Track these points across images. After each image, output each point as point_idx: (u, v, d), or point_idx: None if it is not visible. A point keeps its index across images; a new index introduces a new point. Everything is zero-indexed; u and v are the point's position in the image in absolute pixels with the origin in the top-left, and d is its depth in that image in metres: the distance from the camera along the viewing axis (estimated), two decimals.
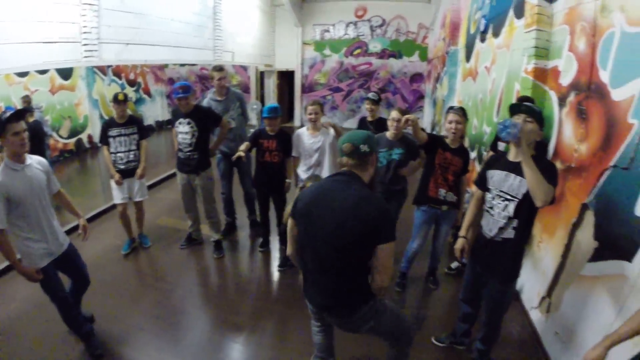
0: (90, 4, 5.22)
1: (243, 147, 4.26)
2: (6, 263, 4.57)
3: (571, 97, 3.33)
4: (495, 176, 2.61)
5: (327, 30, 13.57)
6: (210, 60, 9.56)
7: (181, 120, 4.46)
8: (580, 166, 3.06)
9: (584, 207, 2.91)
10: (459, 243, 2.85)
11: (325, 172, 4.32)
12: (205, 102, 5.06)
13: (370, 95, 5.06)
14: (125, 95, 4.59)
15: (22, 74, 6.83)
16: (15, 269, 2.80)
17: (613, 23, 2.79)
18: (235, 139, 5.03)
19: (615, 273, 2.48)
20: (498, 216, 2.57)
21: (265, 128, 4.43)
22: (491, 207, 2.63)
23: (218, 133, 4.81)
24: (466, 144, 6.47)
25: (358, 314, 2.23)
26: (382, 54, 13.17)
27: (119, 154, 4.59)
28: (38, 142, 5.50)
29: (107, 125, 4.60)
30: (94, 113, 8.28)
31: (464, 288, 3.06)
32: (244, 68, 13.61)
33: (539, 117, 2.47)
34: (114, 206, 5.15)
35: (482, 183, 2.76)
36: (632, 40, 2.60)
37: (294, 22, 13.36)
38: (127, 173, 4.65)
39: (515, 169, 2.48)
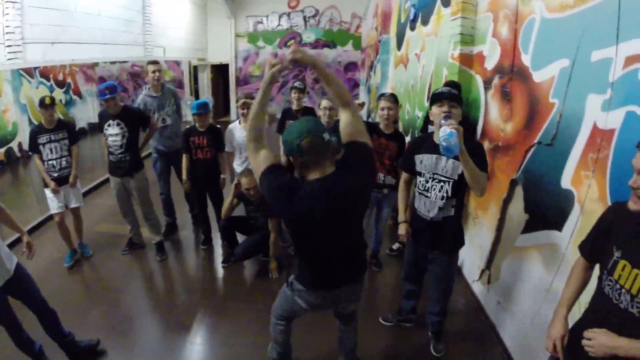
0: (12, 2, 4.85)
1: None
2: None
3: (496, 80, 3.48)
4: (425, 160, 2.62)
5: (260, 22, 13.32)
6: (141, 57, 9.18)
7: (110, 122, 4.23)
8: (507, 144, 3.21)
9: (513, 183, 3.06)
10: (403, 228, 2.85)
11: None
12: (140, 99, 4.87)
13: (296, 84, 5.03)
14: (53, 99, 4.26)
15: None
16: None
17: (533, 10, 2.93)
18: (171, 136, 4.91)
19: (547, 242, 2.63)
20: (436, 198, 2.60)
21: (195, 125, 4.33)
22: (426, 190, 2.65)
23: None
24: (400, 128, 6.65)
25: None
26: (316, 44, 13.14)
27: (50, 162, 4.26)
28: None
29: (36, 132, 4.28)
30: (22, 119, 7.67)
31: (407, 267, 3.09)
32: (177, 63, 12.91)
33: (460, 99, 2.56)
34: (50, 217, 4.79)
35: (410, 167, 2.76)
36: (551, 26, 2.74)
37: (226, 14, 13.02)
38: (61, 180, 4.34)
39: None
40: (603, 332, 1.50)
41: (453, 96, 2.49)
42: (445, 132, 2.19)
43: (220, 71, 14.14)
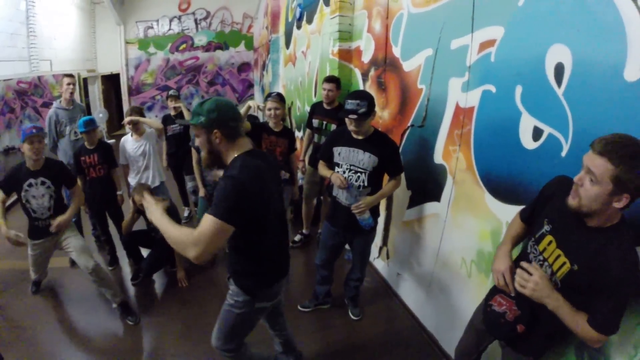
0: None
1: None
2: None
3: (372, 72, 3.60)
4: (343, 152, 2.65)
5: (151, 27, 12.37)
6: (26, 73, 8.20)
7: (31, 181, 3.25)
8: (386, 130, 3.32)
9: None
10: (336, 177, 2.66)
11: (153, 176, 4.13)
12: (51, 112, 4.45)
13: (171, 92, 5.25)
14: None
15: None
16: None
17: (402, 6, 3.05)
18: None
19: (429, 213, 2.80)
20: (353, 186, 2.65)
21: (84, 143, 3.95)
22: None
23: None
24: (293, 124, 6.71)
25: None
26: (208, 47, 12.60)
27: None
28: None
29: None
30: None
31: (322, 252, 3.09)
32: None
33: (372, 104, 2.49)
34: None
35: (328, 158, 2.78)
36: (417, 20, 2.88)
37: (115, 20, 11.79)
38: None
39: (360, 145, 2.57)
40: (544, 276, 1.45)
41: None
42: (364, 219, 2.65)
43: (111, 81, 12.88)
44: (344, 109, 2.47)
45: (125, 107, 12.61)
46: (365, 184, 2.62)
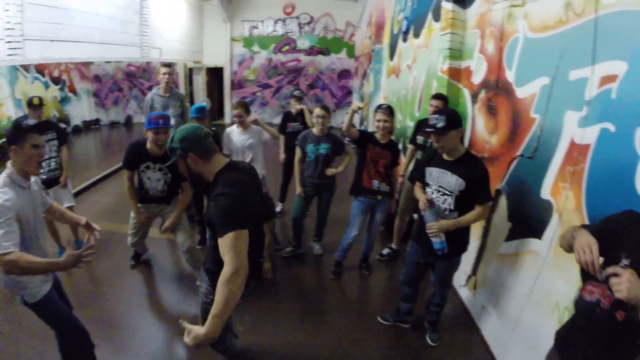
0: None
1: None
2: None
3: (482, 94, 3.60)
4: (434, 173, 2.73)
5: (256, 27, 13.35)
6: (137, 58, 9.10)
7: (149, 164, 3.59)
8: (492, 156, 3.33)
9: (498, 192, 3.17)
10: (422, 200, 2.75)
11: (259, 168, 4.28)
12: (148, 96, 5.01)
13: (295, 93, 5.60)
14: (41, 100, 4.13)
15: None
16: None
17: (517, 29, 3.05)
18: None
19: (528, 249, 2.75)
20: (439, 208, 2.70)
21: None
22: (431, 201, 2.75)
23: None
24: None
25: None
26: (310, 51, 13.22)
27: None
28: None
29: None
30: (18, 114, 7.59)
31: (406, 271, 3.20)
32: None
33: (451, 119, 2.53)
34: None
35: (421, 177, 2.89)
36: (533, 45, 2.87)
37: (222, 18, 13.02)
38: (51, 182, 4.11)
39: (450, 167, 2.63)
40: (633, 272, 1.33)
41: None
42: (437, 242, 2.69)
43: (215, 74, 14.10)
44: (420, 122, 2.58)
45: (227, 100, 13.91)
46: (452, 207, 2.66)
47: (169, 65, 4.93)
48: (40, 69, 9.13)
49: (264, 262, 4.15)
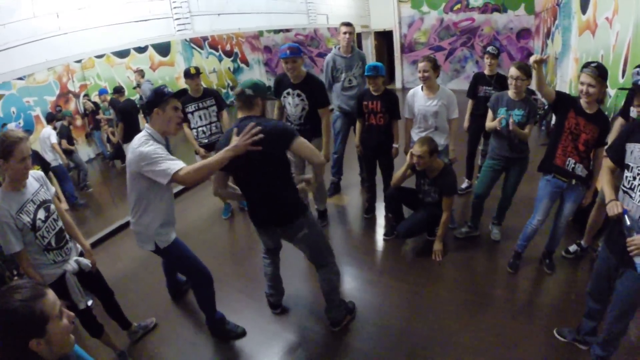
0: None
1: None
2: (114, 226, 5.19)
3: None
4: (636, 151, 2.14)
5: None
6: (304, 25, 9.61)
7: (289, 90, 4.16)
8: None
9: None
10: (613, 206, 2.21)
11: (439, 138, 4.05)
12: (329, 57, 5.12)
13: (489, 49, 5.02)
14: (197, 69, 4.52)
15: (123, 55, 7.19)
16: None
17: None
18: (353, 98, 4.87)
19: None
20: None
21: (369, 88, 4.24)
22: (631, 189, 2.17)
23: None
24: None
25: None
26: (484, 8, 12.11)
27: (200, 129, 4.61)
28: (131, 122, 5.97)
29: (183, 101, 4.36)
30: None
31: (594, 281, 2.64)
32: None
33: None
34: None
35: (618, 157, 2.32)
36: None
37: None
38: (212, 146, 4.53)
39: None
40: None
41: None
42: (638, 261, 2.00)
43: (384, 38, 13.98)
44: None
45: (397, 64, 13.90)
46: None
47: (349, 24, 4.93)
48: (214, 45, 10.19)
49: (435, 243, 4.03)
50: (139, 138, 2.58)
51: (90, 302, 3.07)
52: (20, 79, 5.12)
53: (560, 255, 3.92)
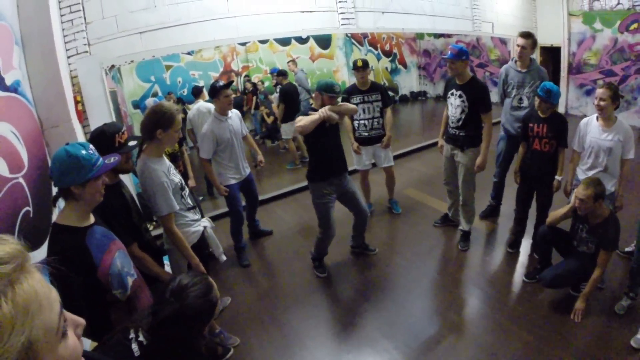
0: None
1: None
2: (280, 191, 6.22)
3: None
4: None
5: None
6: (468, 31, 9.54)
7: (453, 91, 4.18)
8: None
9: None
10: None
11: (607, 180, 3.55)
12: (503, 68, 4.71)
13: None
14: (365, 62, 4.53)
15: (284, 43, 8.11)
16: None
17: None
18: (519, 120, 4.43)
19: None
20: None
21: (536, 110, 3.87)
22: None
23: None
24: None
25: None
26: None
27: (362, 121, 4.70)
28: (291, 103, 6.73)
29: (349, 92, 4.63)
30: (351, 80, 9.19)
31: None
32: (502, 41, 12.09)
33: None
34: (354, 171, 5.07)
35: None
36: None
37: None
38: (370, 140, 4.78)
39: None
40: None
41: None
42: None
43: (550, 54, 12.53)
44: None
45: (562, 85, 12.01)
46: None
47: (527, 35, 4.34)
48: (373, 43, 10.97)
49: (578, 301, 3.49)
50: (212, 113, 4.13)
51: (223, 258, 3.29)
52: (189, 53, 6.14)
53: None
